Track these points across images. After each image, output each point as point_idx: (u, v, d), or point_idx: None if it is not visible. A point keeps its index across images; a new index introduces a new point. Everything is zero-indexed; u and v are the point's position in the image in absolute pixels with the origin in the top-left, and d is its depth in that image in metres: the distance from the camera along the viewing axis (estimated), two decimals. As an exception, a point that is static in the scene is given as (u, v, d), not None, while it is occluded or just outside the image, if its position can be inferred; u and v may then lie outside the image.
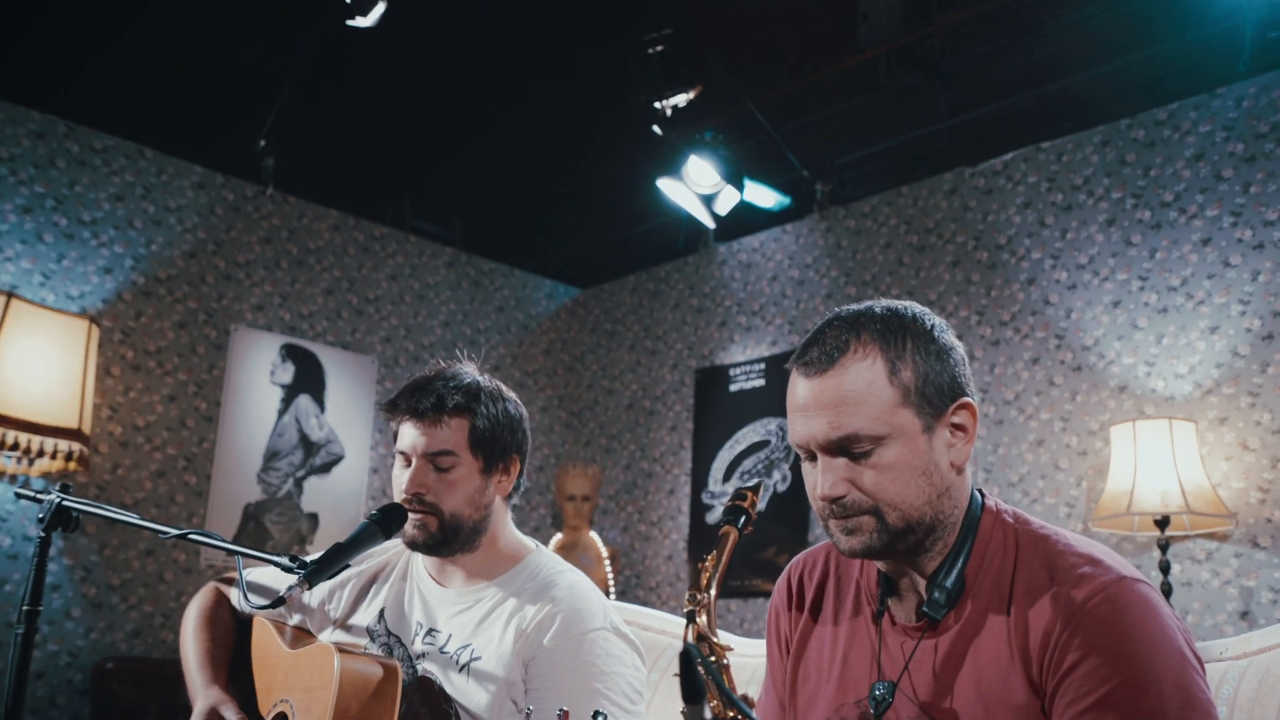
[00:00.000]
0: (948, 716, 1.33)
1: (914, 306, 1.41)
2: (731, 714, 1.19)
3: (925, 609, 1.38)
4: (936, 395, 1.35)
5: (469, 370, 2.03)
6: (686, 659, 0.95)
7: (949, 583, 1.37)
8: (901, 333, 1.36)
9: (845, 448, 1.33)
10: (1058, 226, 4.38)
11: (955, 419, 1.38)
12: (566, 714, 1.32)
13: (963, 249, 4.69)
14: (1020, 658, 1.30)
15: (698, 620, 1.33)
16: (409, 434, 1.95)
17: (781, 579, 1.63)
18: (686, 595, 1.36)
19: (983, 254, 4.61)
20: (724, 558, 1.39)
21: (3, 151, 4.38)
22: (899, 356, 1.34)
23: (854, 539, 1.35)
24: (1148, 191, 4.14)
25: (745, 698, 1.26)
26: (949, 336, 1.41)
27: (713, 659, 1.31)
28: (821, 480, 1.35)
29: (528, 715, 1.38)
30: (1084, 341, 4.21)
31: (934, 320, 1.41)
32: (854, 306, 1.42)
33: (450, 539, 1.94)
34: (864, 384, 1.33)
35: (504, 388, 2.06)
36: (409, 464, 1.95)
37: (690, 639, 1.32)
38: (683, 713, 0.96)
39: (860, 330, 1.36)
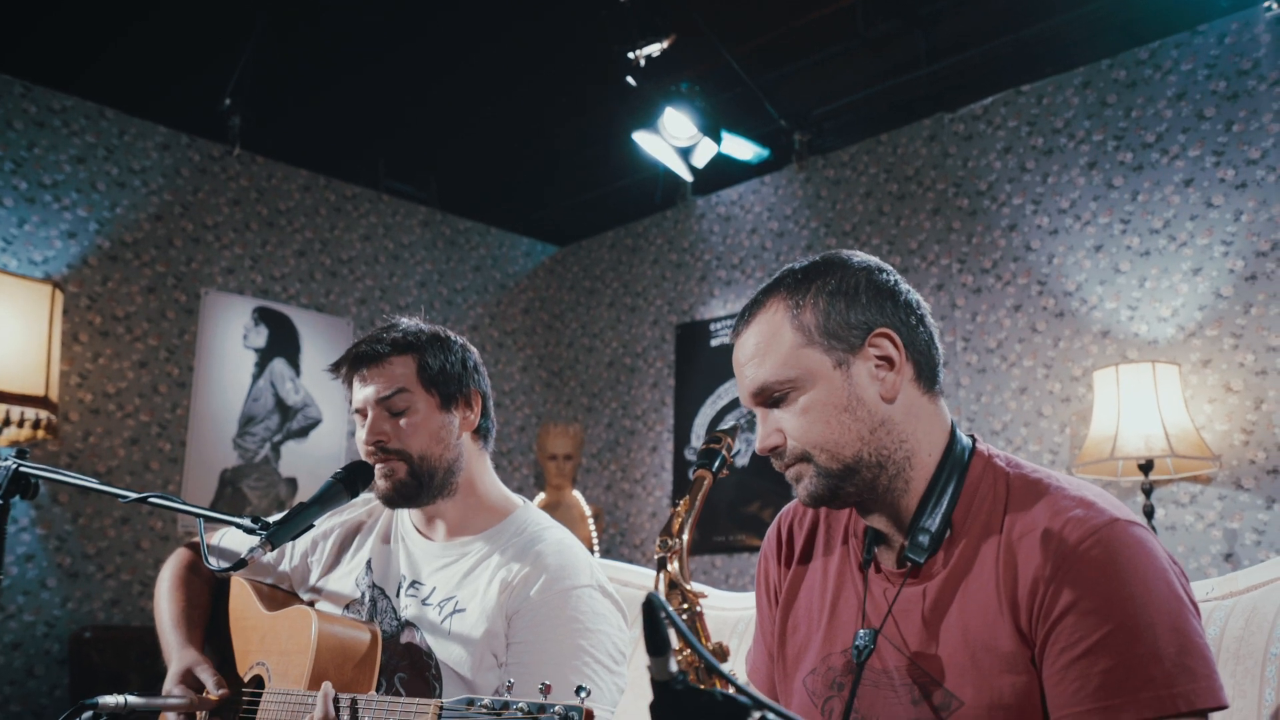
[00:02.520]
0: (933, 664, 1.29)
1: (838, 253, 1.43)
2: (698, 664, 1.14)
3: (907, 554, 1.34)
4: (844, 329, 1.35)
5: (409, 320, 2.00)
6: (649, 609, 0.90)
7: (932, 526, 1.33)
8: (808, 280, 1.38)
9: (767, 398, 1.37)
10: (1038, 171, 4.33)
11: (875, 350, 1.36)
12: (549, 688, 1.28)
13: (943, 196, 4.63)
14: (1009, 605, 1.26)
15: (669, 567, 1.28)
16: (358, 388, 1.91)
17: (772, 528, 1.60)
18: (657, 541, 1.31)
19: (963, 201, 4.55)
20: (697, 502, 1.35)
21: (-43, 113, 4.26)
22: (800, 302, 1.37)
23: (801, 488, 1.37)
24: (1129, 133, 4.08)
25: (719, 646, 1.21)
26: (865, 275, 1.39)
27: (685, 606, 1.26)
28: (757, 435, 1.39)
29: (509, 687, 1.33)
30: (1066, 287, 4.17)
31: (852, 261, 1.40)
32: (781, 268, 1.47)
33: (425, 484, 1.89)
34: (768, 334, 1.37)
35: (448, 330, 2.01)
36: (365, 418, 1.91)
37: (661, 586, 1.28)
38: (648, 667, 0.91)
39: (774, 289, 1.41)
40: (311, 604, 2.04)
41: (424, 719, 1.40)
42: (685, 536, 1.31)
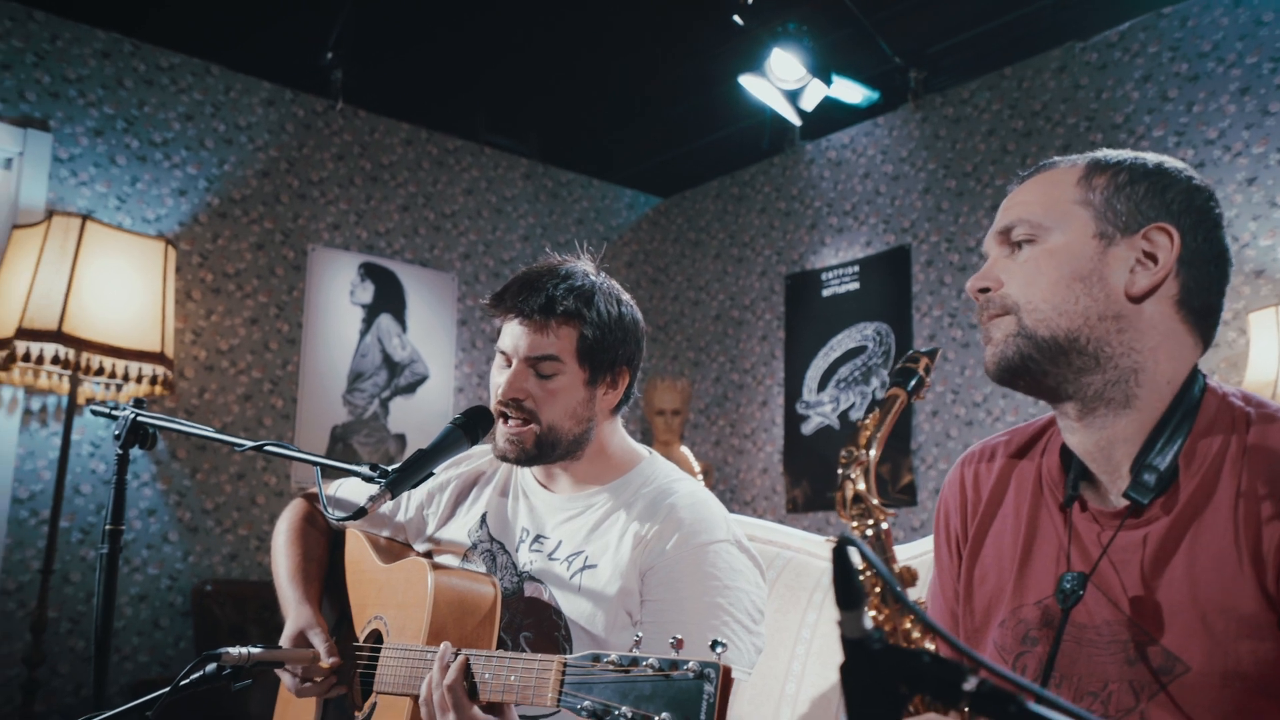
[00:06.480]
0: (1153, 621, 1.12)
1: (1169, 158, 1.28)
2: (906, 623, 1.00)
3: (1130, 492, 1.17)
4: (1130, 209, 1.21)
5: (585, 269, 1.83)
6: (841, 553, 0.76)
7: (1161, 464, 1.16)
8: (1124, 158, 1.27)
9: (1009, 238, 1.27)
10: (1182, 99, 4.01)
11: (1145, 245, 1.20)
12: (680, 642, 1.16)
13: (1074, 131, 4.34)
14: (1251, 561, 1.08)
15: (853, 480, 1.14)
16: (513, 333, 1.77)
17: (953, 473, 1.43)
18: (841, 453, 1.17)
19: (1096, 135, 4.26)
20: (888, 419, 1.20)
21: (70, 73, 4.29)
22: (1101, 169, 1.26)
23: (990, 350, 1.25)
24: (1288, 54, 3.74)
25: (906, 570, 1.07)
26: (1187, 184, 1.24)
27: (870, 523, 1.12)
28: (977, 273, 1.28)
29: (637, 642, 1.22)
30: (1214, 224, 3.86)
31: (1184, 170, 1.26)
32: None
33: (546, 453, 1.78)
34: (1053, 182, 1.27)
35: (621, 291, 1.86)
36: (509, 365, 1.78)
37: (848, 499, 1.13)
38: (838, 622, 0.78)
39: (1087, 155, 1.30)
40: (428, 555, 1.97)
41: (547, 676, 1.30)
42: (873, 452, 1.17)
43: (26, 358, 3.64)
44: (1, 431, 4.00)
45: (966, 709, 0.73)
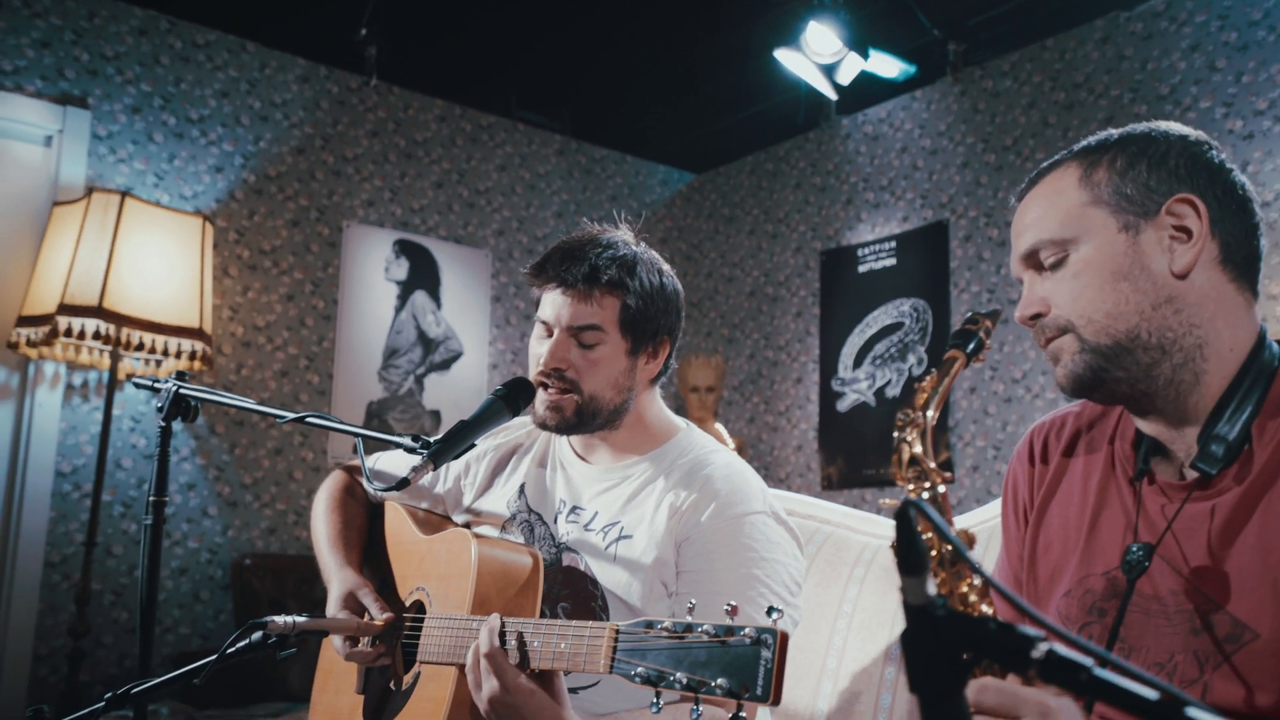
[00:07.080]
0: (1220, 590, 1.10)
1: (1155, 122, 1.26)
2: (963, 587, 0.99)
3: (1196, 463, 1.14)
4: (1141, 193, 1.18)
5: (625, 238, 1.82)
6: (904, 517, 0.75)
7: (1230, 434, 1.13)
8: (1108, 140, 1.24)
9: (1037, 261, 1.25)
10: (1231, 70, 3.92)
11: (1172, 219, 1.18)
12: (735, 609, 1.15)
13: (1118, 103, 4.26)
14: None
15: (910, 443, 1.12)
16: (554, 303, 1.76)
17: (1022, 444, 1.42)
18: (898, 415, 1.16)
19: (1141, 107, 4.17)
20: (946, 381, 1.20)
21: (108, 50, 4.31)
22: (1096, 161, 1.23)
23: (1060, 369, 1.22)
24: (1341, 22, 3.65)
25: (964, 533, 1.05)
26: (1180, 143, 1.21)
27: (927, 485, 1.11)
28: (1020, 302, 1.25)
29: (691, 608, 1.21)
30: (1264, 196, 3.78)
31: (1169, 131, 1.23)
32: None
33: (586, 423, 1.78)
34: (1054, 192, 1.24)
35: (661, 261, 1.85)
36: (550, 334, 1.77)
37: (904, 461, 1.11)
38: (900, 588, 0.76)
39: (1072, 150, 1.28)
40: (467, 526, 1.97)
41: (599, 643, 1.29)
42: (930, 413, 1.16)
43: (68, 333, 3.68)
44: (44, 407, 4.05)
45: (1032, 676, 0.71)
